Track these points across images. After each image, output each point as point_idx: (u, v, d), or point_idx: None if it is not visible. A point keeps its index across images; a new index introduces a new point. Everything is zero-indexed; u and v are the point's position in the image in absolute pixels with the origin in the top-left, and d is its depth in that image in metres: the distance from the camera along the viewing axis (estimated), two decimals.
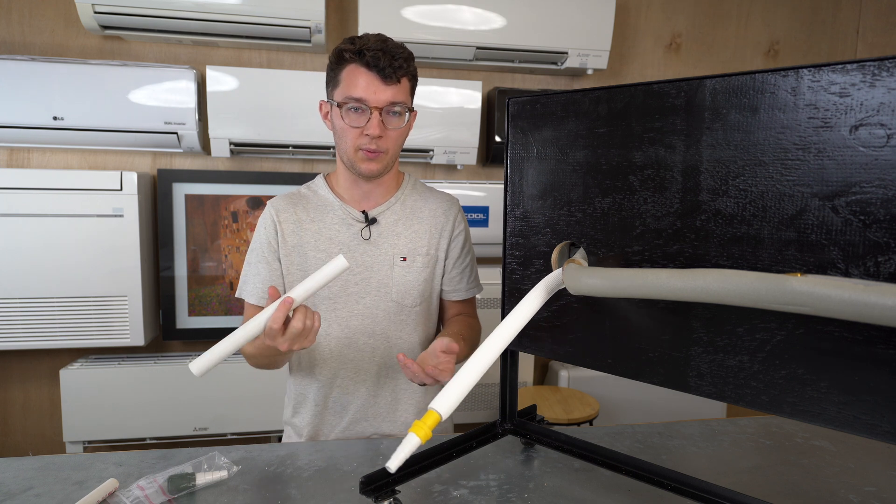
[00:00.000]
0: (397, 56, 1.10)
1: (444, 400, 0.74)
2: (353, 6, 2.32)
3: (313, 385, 1.25)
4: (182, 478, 0.92)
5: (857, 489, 0.97)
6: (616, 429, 1.20)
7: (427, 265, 1.24)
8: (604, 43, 2.35)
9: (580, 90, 0.88)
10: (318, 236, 1.21)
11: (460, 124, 2.32)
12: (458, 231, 1.29)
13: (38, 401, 2.29)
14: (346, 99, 1.11)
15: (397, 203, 1.25)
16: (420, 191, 1.30)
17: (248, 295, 1.22)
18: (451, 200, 1.31)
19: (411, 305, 1.24)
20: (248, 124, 2.16)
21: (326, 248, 1.20)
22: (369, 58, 1.08)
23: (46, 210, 2.00)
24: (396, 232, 1.23)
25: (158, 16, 2.01)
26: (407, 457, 0.70)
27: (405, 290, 1.22)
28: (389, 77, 1.09)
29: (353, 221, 1.22)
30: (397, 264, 1.22)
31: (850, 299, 0.58)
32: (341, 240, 1.21)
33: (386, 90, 1.10)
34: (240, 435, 2.22)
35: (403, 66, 1.11)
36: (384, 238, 1.22)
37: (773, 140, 0.69)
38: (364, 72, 1.10)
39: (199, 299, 2.25)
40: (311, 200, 1.24)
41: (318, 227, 1.21)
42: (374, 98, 1.10)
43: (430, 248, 1.25)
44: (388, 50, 1.09)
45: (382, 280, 1.21)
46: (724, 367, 0.76)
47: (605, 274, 0.79)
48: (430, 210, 1.27)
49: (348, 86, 1.11)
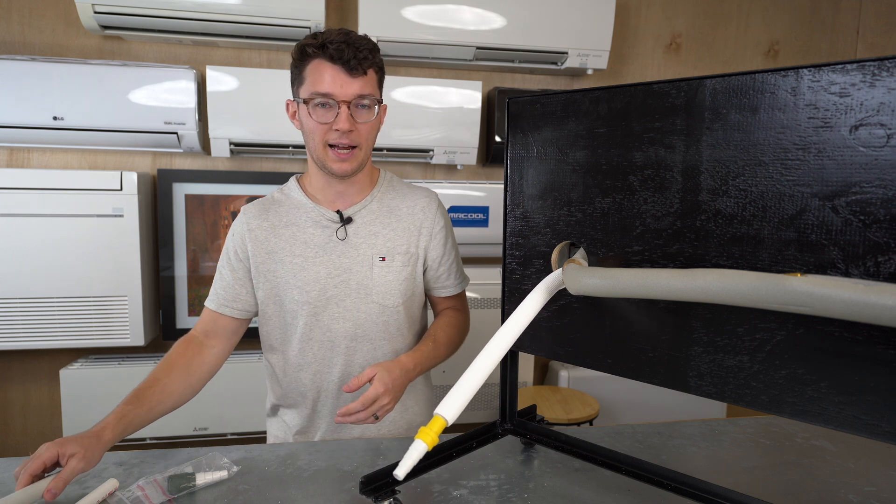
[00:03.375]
0: (361, 47, 1.07)
1: (450, 405, 0.75)
2: (353, 6, 2.32)
3: (297, 391, 1.23)
4: (182, 478, 0.92)
5: (857, 489, 0.97)
6: (616, 429, 1.19)
7: (407, 264, 1.21)
8: (604, 43, 2.35)
9: (580, 90, 0.88)
10: (292, 241, 1.18)
11: (460, 124, 2.32)
12: (439, 227, 1.25)
13: (38, 401, 2.29)
14: (312, 95, 1.08)
15: (373, 201, 1.22)
16: (397, 188, 1.27)
17: (209, 301, 1.22)
18: (429, 196, 1.27)
19: (394, 306, 1.21)
20: (248, 124, 2.16)
21: (302, 252, 1.18)
22: (333, 51, 1.05)
23: (46, 210, 2.00)
24: (373, 231, 1.20)
25: (158, 16, 2.01)
26: (415, 463, 0.71)
27: (386, 291, 1.20)
28: (355, 69, 1.07)
29: (327, 222, 1.19)
30: (376, 264, 1.19)
31: (850, 299, 0.58)
32: (316, 242, 1.18)
33: (353, 83, 1.07)
34: (240, 435, 2.22)
35: (369, 57, 1.08)
36: (361, 238, 1.19)
37: (773, 140, 0.69)
38: (329, 66, 1.07)
39: (199, 299, 2.25)
40: (283, 204, 1.21)
41: (292, 232, 1.19)
42: (340, 92, 1.07)
43: (410, 247, 1.22)
44: (352, 42, 1.07)
45: (362, 281, 1.19)
46: (724, 367, 0.76)
47: (605, 274, 0.79)
48: (408, 207, 1.24)
49: (313, 81, 1.08)
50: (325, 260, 1.18)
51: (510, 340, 0.85)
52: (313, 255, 1.18)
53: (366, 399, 1.04)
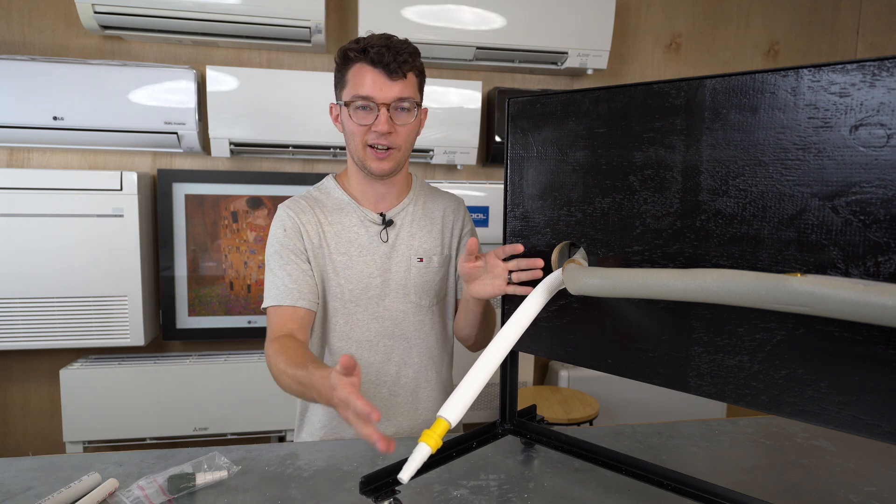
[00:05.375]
0: (402, 51, 1.10)
1: (453, 407, 0.75)
2: (353, 6, 2.32)
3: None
4: (182, 478, 0.92)
5: (857, 489, 0.97)
6: (616, 429, 1.19)
7: (442, 265, 1.26)
8: (604, 43, 2.35)
9: (580, 90, 0.88)
10: (338, 238, 1.19)
11: (460, 124, 2.32)
12: (467, 230, 1.31)
13: (38, 401, 2.29)
14: (353, 98, 1.11)
15: (411, 204, 1.26)
16: (428, 191, 1.31)
17: (274, 298, 1.13)
18: (457, 200, 1.34)
19: (429, 306, 1.24)
20: (248, 124, 2.16)
21: (347, 251, 1.19)
22: (373, 55, 1.08)
23: (46, 210, 2.00)
24: (412, 233, 1.24)
25: (158, 16, 2.01)
26: (419, 466, 0.71)
27: (423, 291, 1.23)
28: (395, 72, 1.09)
29: (370, 223, 1.21)
30: (414, 265, 1.22)
31: (850, 299, 0.58)
32: (361, 241, 1.20)
33: (392, 86, 1.10)
34: (240, 435, 2.21)
35: (409, 60, 1.11)
36: (401, 240, 1.23)
37: (773, 140, 0.69)
38: (369, 69, 1.09)
39: (199, 299, 2.25)
40: (325, 203, 1.22)
41: (337, 230, 1.20)
42: (380, 95, 1.09)
43: (444, 248, 1.26)
44: (393, 46, 1.09)
45: (400, 282, 1.22)
46: (724, 367, 0.76)
47: (605, 274, 0.79)
48: (441, 210, 1.29)
49: (355, 85, 1.11)
50: (368, 260, 1.20)
51: (512, 341, 0.85)
52: (357, 254, 1.20)
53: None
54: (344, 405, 0.76)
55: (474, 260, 1.02)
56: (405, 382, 1.24)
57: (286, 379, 1.00)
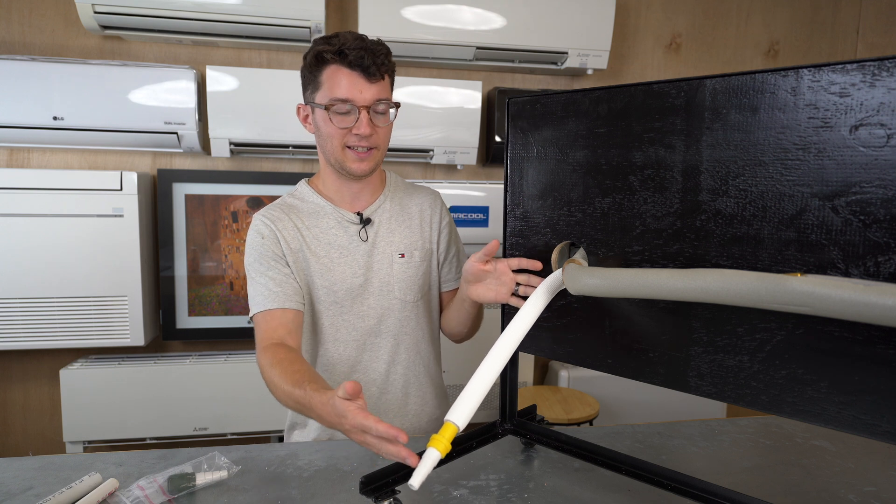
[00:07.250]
0: (378, 53, 1.10)
1: (460, 411, 0.75)
2: (353, 6, 2.32)
3: None
4: (182, 478, 0.92)
5: (857, 489, 0.97)
6: (616, 429, 1.20)
7: (424, 259, 1.26)
8: (604, 43, 2.35)
9: (580, 90, 0.88)
10: (317, 242, 1.19)
11: (460, 124, 2.32)
12: (445, 222, 1.31)
13: (38, 401, 2.29)
14: (331, 101, 1.10)
15: (387, 201, 1.26)
16: (403, 186, 1.31)
17: (261, 304, 1.12)
18: (434, 193, 1.33)
19: (413, 301, 1.24)
20: (248, 124, 2.16)
21: (327, 253, 1.19)
22: (353, 58, 1.07)
23: (46, 210, 1.99)
24: (391, 229, 1.24)
25: (158, 16, 2.01)
26: (429, 471, 0.71)
27: (407, 286, 1.23)
28: (374, 75, 1.09)
29: (348, 224, 1.21)
30: (396, 261, 1.23)
31: (850, 299, 0.58)
32: (341, 243, 1.20)
33: (371, 88, 1.10)
34: (240, 435, 2.21)
35: (385, 62, 1.11)
36: (380, 237, 1.23)
37: (773, 140, 0.69)
38: (347, 72, 1.09)
39: (199, 299, 2.25)
40: (301, 208, 1.21)
41: (315, 233, 1.20)
42: (360, 97, 1.09)
43: (425, 242, 1.27)
44: (369, 48, 1.09)
45: (384, 279, 1.22)
46: (724, 367, 0.76)
47: (605, 274, 0.79)
48: (418, 204, 1.28)
49: (332, 87, 1.10)
50: (349, 260, 1.20)
51: (515, 342, 0.85)
52: (339, 256, 1.20)
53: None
54: (358, 431, 0.76)
55: (485, 262, 1.02)
56: (394, 380, 1.24)
57: (282, 395, 0.98)
